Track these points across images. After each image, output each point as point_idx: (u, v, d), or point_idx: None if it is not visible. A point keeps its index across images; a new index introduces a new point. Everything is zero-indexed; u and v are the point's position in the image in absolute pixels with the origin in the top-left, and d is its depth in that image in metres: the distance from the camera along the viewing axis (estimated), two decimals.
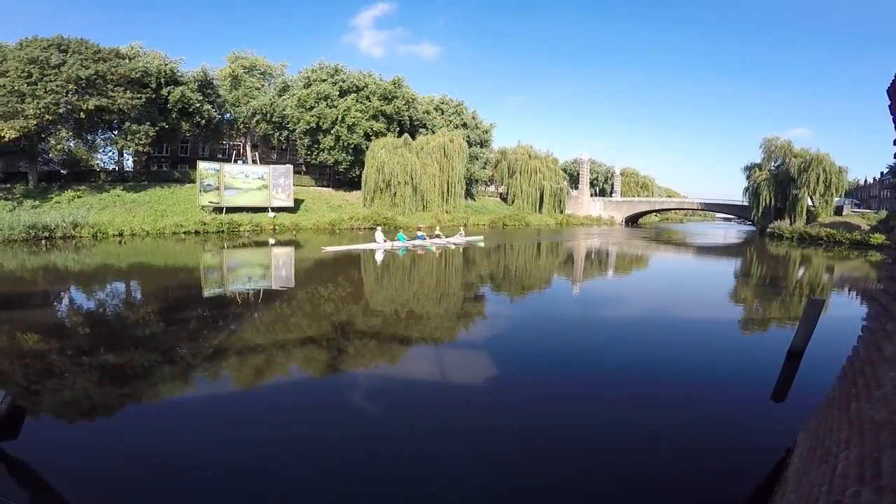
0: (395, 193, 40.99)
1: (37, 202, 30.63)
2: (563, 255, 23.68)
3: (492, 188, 64.79)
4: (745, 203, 48.29)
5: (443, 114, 51.53)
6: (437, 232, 25.35)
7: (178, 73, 37.79)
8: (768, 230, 42.27)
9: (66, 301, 11.40)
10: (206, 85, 39.29)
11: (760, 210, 44.51)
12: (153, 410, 5.17)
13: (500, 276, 16.31)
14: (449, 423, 4.86)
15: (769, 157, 45.74)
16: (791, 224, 40.92)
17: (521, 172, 55.83)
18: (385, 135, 42.56)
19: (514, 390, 5.88)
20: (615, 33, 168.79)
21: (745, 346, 8.49)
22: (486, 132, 56.02)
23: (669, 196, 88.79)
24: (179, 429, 4.68)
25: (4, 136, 28.32)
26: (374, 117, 42.00)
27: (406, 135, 43.62)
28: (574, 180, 68.03)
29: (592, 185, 75.40)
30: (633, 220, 65.08)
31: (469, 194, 51.50)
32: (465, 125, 51.88)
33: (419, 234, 24.56)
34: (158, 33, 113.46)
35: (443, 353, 7.36)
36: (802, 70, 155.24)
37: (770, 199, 43.65)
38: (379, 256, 19.49)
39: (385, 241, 22.17)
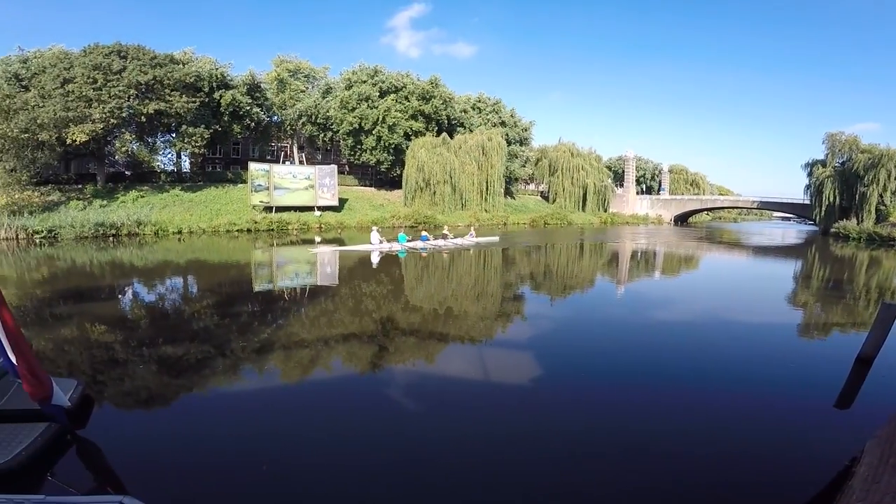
0: (434, 192, 41.35)
1: (104, 201, 33.15)
2: (608, 256, 23.00)
3: (532, 186, 63.94)
4: (807, 201, 45.21)
5: (480, 112, 51.40)
6: (444, 231, 23.67)
7: (228, 78, 39.70)
8: (832, 230, 39.41)
9: (129, 294, 12.26)
10: (254, 88, 41.09)
11: (823, 209, 41.54)
12: (207, 401, 5.45)
13: (541, 276, 16.08)
14: (486, 424, 4.84)
15: (833, 154, 42.62)
16: (858, 224, 37.89)
17: (562, 170, 54.72)
18: (424, 134, 42.99)
19: (554, 392, 5.79)
20: (659, 26, 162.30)
21: (806, 353, 7.95)
22: (526, 130, 55.34)
23: (722, 194, 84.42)
24: (231, 420, 4.90)
25: (76, 140, 30.80)
26: (414, 117, 42.49)
27: (444, 134, 43.88)
28: (619, 178, 66.06)
29: (639, 182, 72.90)
30: (682, 219, 62.39)
31: (509, 193, 51.05)
32: (503, 123, 51.48)
33: (423, 234, 22.69)
34: (203, 38, 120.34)
35: (481, 352, 7.36)
36: (869, 62, 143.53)
37: (834, 198, 40.66)
38: (375, 258, 18.29)
39: (381, 241, 20.50)
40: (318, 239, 27.61)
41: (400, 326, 8.62)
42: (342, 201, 40.25)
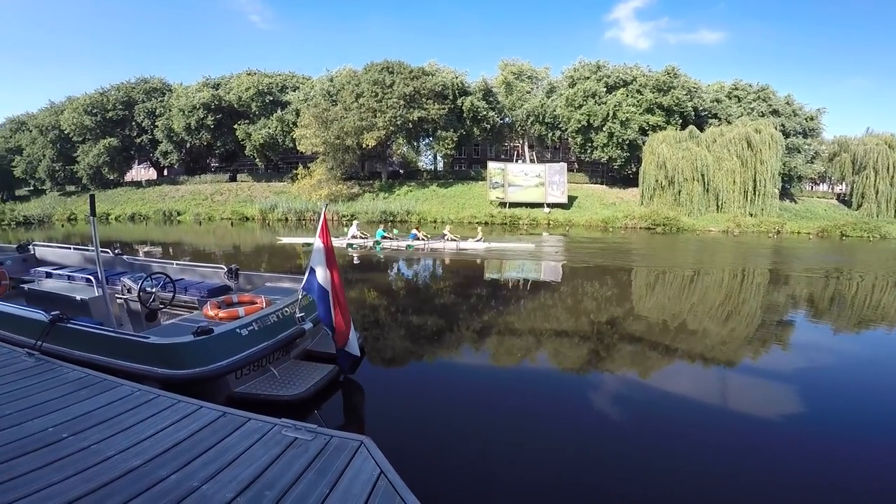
0: (679, 191, 36.78)
1: (386, 194, 42.06)
2: None
3: (823, 187, 49.76)
4: None
5: (739, 101, 42.82)
6: (445, 232, 19.72)
7: (466, 85, 44.16)
8: None
9: (395, 269, 15.30)
10: (487, 93, 44.63)
11: None
12: (433, 368, 6.33)
13: (825, 301, 12.45)
14: (708, 465, 4.19)
15: None
16: None
17: (874, 167, 40.84)
18: (664, 128, 38.75)
19: (807, 440, 4.52)
20: None
21: None
22: (811, 119, 43.37)
23: None
24: (446, 388, 5.58)
25: (368, 144, 39.75)
26: (649, 111, 38.80)
27: (691, 127, 38.51)
28: None
29: None
30: None
31: (787, 194, 41.15)
32: (774, 112, 41.55)
33: (413, 232, 19.63)
34: (436, 48, 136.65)
35: (711, 376, 6.31)
36: None
37: None
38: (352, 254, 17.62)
39: (359, 236, 19.12)
40: (545, 234, 28.30)
41: (620, 332, 8.17)
42: (571, 199, 40.00)
